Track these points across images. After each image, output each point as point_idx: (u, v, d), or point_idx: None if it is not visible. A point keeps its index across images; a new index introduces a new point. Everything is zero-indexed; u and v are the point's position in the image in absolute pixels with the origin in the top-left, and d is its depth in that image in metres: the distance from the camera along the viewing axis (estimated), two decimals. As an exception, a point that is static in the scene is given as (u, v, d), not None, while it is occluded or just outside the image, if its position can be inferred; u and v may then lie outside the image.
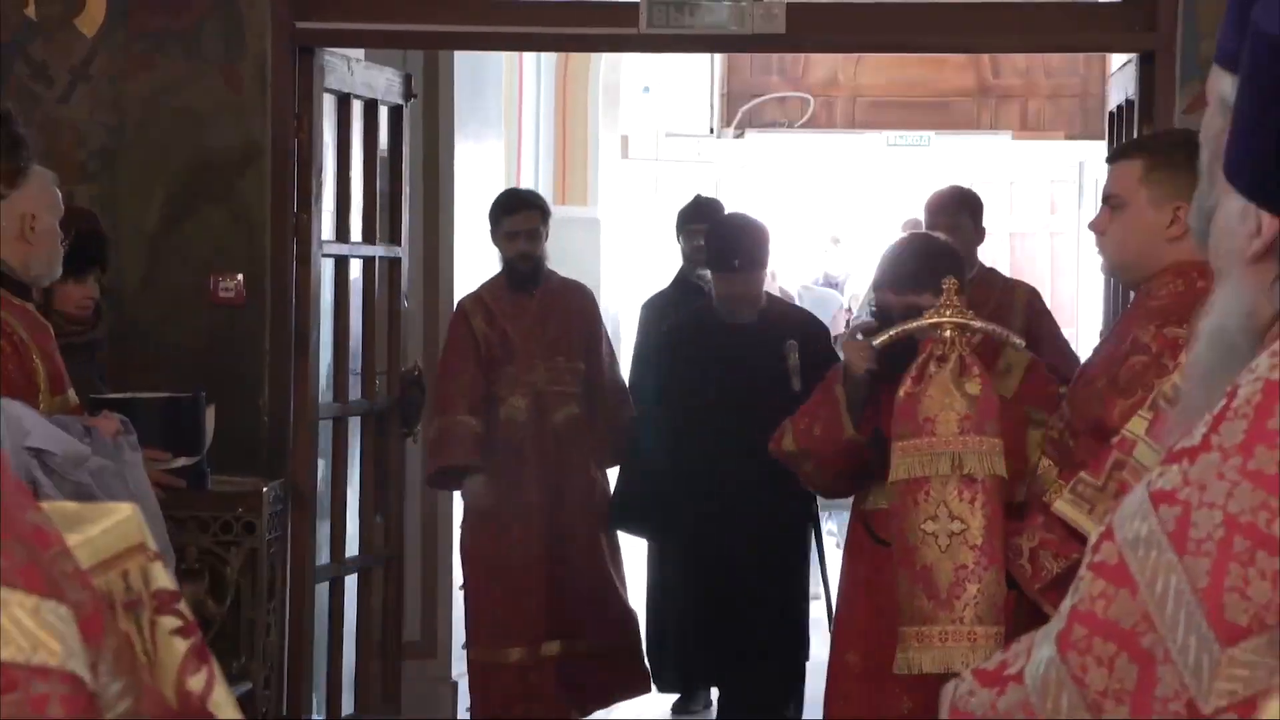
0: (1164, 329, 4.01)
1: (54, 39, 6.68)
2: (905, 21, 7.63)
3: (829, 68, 16.13)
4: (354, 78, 7.10)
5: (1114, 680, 1.83)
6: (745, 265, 7.25)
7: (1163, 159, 4.20)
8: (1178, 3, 6.49)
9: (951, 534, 3.93)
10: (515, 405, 7.71)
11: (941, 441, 3.96)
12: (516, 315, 7.77)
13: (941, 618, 3.93)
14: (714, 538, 7.25)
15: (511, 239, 7.73)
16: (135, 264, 6.69)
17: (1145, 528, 1.84)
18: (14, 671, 1.28)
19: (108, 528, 1.98)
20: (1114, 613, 1.84)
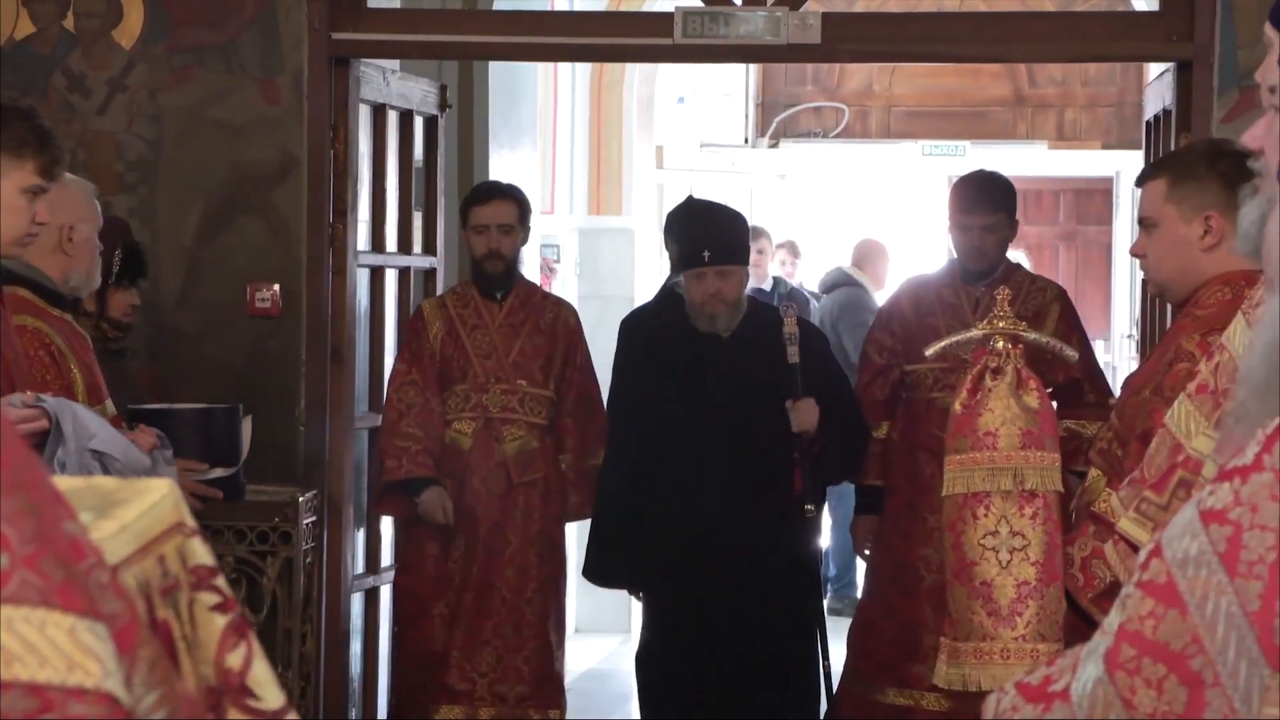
0: (1208, 336, 3.99)
1: (92, 51, 6.71)
2: (941, 31, 7.62)
3: (864, 77, 16.11)
4: (389, 89, 7.11)
5: (1163, 702, 1.82)
6: (719, 257, 6.28)
7: (1184, 172, 4.20)
8: (1215, 12, 6.47)
9: (1013, 550, 3.91)
10: (460, 431, 6.77)
11: (1003, 456, 3.93)
12: (478, 325, 6.86)
13: (1002, 634, 3.90)
14: (700, 587, 6.31)
15: (480, 234, 6.82)
16: (173, 275, 6.71)
17: (1195, 547, 1.82)
18: (50, 693, 1.28)
19: (144, 510, 1.97)
20: (1163, 634, 1.82)
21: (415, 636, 6.75)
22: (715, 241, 6.28)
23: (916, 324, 6.59)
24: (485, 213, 6.84)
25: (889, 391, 6.70)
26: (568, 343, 6.94)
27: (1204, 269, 4.12)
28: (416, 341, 6.84)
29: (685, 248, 6.33)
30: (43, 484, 1.37)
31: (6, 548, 1.30)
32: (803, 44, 6.79)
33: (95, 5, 6.70)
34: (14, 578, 1.30)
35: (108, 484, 2.13)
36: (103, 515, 1.95)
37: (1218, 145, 4.42)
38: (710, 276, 6.26)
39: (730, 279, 6.29)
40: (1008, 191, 6.73)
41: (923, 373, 6.53)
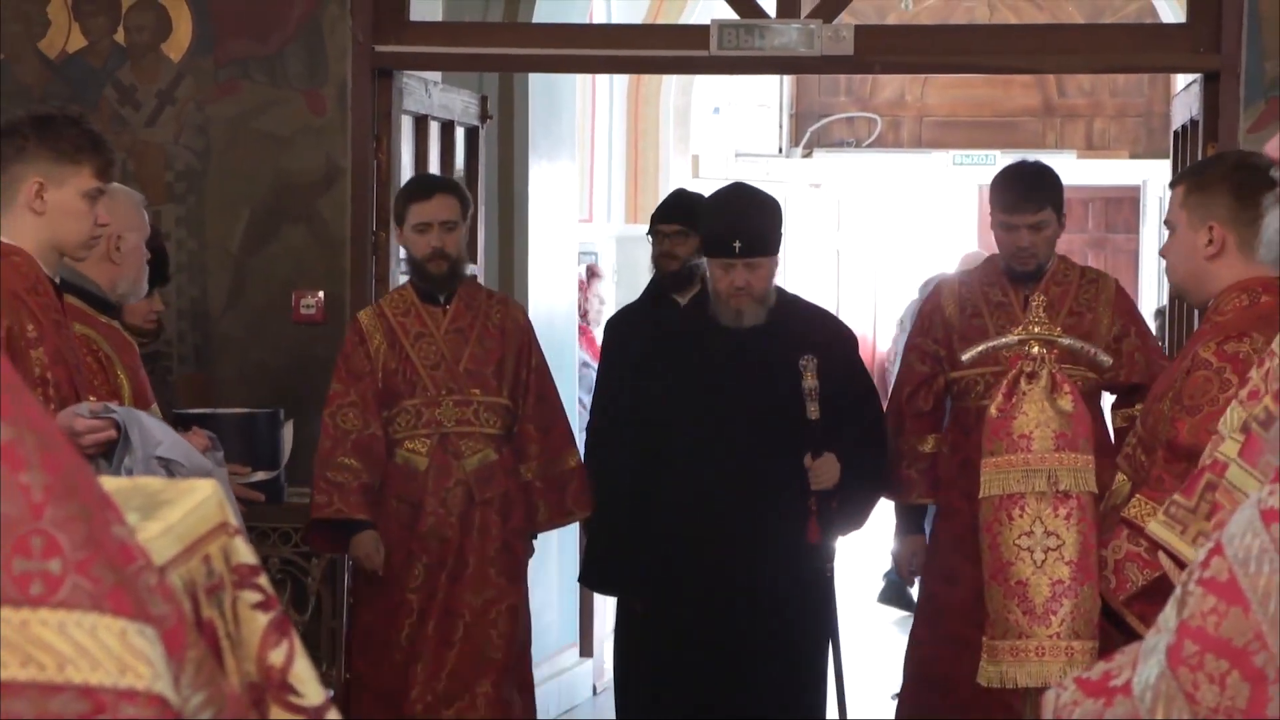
0: (1224, 345, 4.03)
1: (141, 64, 6.73)
2: (971, 43, 7.62)
3: (896, 88, 16.09)
4: (431, 100, 7.13)
5: (1225, 698, 1.82)
6: (750, 248, 5.69)
7: (1199, 182, 4.25)
8: (1242, 24, 6.46)
9: (1047, 549, 3.92)
10: (414, 450, 6.05)
11: (1037, 458, 3.94)
12: (423, 333, 6.11)
13: (1037, 632, 3.91)
14: (709, 601, 5.72)
15: (422, 232, 6.04)
16: (220, 283, 6.73)
17: (1257, 545, 1.83)
18: (102, 695, 1.29)
19: (189, 510, 1.98)
20: (1226, 630, 1.83)
21: (375, 674, 6.05)
22: (747, 231, 5.70)
23: (963, 327, 5.98)
24: (427, 209, 6.05)
25: (934, 402, 6.11)
26: (519, 343, 6.22)
27: (1216, 275, 4.17)
28: (355, 358, 6.04)
29: (714, 234, 5.78)
30: (93, 489, 1.38)
31: (58, 553, 1.31)
32: (836, 55, 6.79)
33: (145, 19, 6.72)
34: (66, 583, 1.30)
35: (153, 484, 2.13)
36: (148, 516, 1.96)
37: (1242, 158, 4.45)
38: (739, 268, 5.69)
39: (759, 271, 5.73)
40: (1054, 184, 6.12)
41: (970, 379, 5.93)
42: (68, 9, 6.73)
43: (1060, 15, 14.79)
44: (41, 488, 1.31)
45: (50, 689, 1.28)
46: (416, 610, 5.98)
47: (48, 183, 4.38)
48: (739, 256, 5.67)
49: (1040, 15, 14.90)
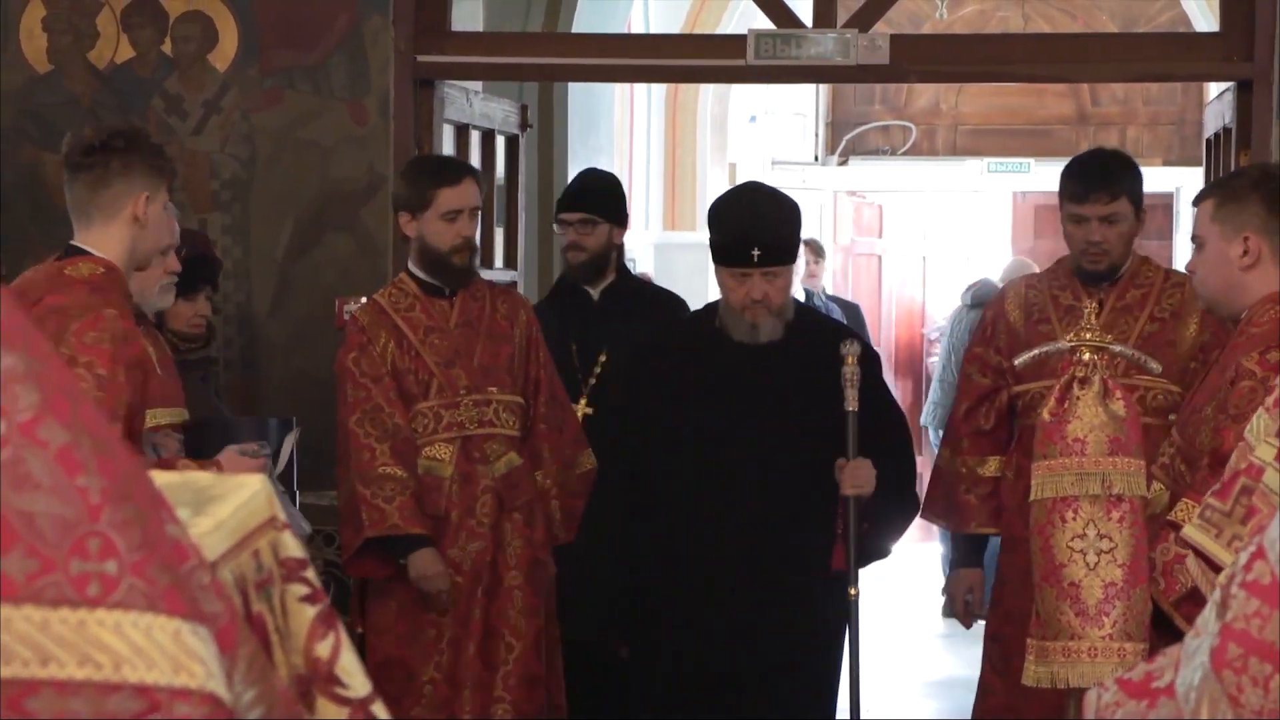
0: (1266, 354, 4.04)
1: (188, 74, 6.76)
2: (1006, 52, 7.60)
3: (931, 96, 16.07)
4: (472, 109, 7.14)
5: (1270, 701, 1.82)
6: (769, 256, 5.01)
7: (1228, 194, 4.25)
8: (1274, 33, 6.44)
9: (1100, 552, 3.92)
10: (436, 457, 5.46)
11: (1091, 462, 3.94)
12: (433, 329, 5.52)
13: (1090, 634, 3.91)
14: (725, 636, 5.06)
15: (451, 220, 5.46)
16: (265, 289, 6.75)
17: None
18: (157, 694, 1.30)
19: (238, 505, 1.99)
20: (1270, 633, 1.83)
21: (395, 709, 5.21)
22: (766, 237, 5.03)
23: (1029, 335, 5.32)
24: (459, 195, 5.47)
25: (995, 419, 5.48)
26: (527, 337, 5.65)
27: (1249, 286, 4.17)
28: (366, 359, 5.45)
29: (729, 241, 5.09)
30: (147, 490, 1.39)
31: (115, 555, 1.32)
32: (871, 64, 6.79)
33: (191, 30, 6.75)
34: (122, 584, 1.32)
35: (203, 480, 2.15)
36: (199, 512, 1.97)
37: (1267, 170, 4.48)
38: (756, 278, 5.02)
39: (778, 281, 5.06)
40: (1132, 173, 5.43)
41: (1035, 394, 5.22)
42: (116, 21, 6.76)
43: (1094, 24, 14.76)
44: (98, 490, 1.32)
45: (107, 688, 1.29)
46: (448, 637, 5.41)
47: (151, 196, 4.53)
48: (757, 266, 5.00)
49: (1074, 25, 14.87)
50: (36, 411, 1.32)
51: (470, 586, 5.45)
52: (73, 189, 4.57)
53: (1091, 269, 5.35)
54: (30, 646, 1.28)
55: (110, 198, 4.50)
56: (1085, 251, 5.33)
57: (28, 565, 1.29)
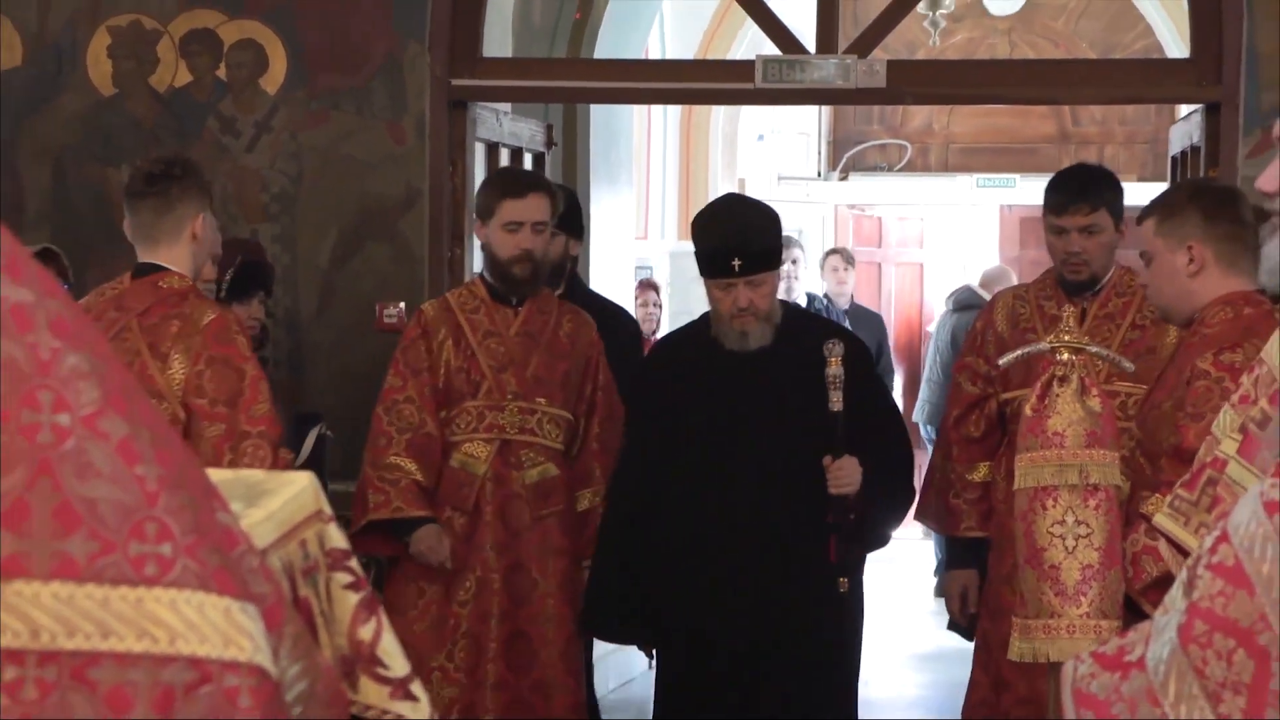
0: (1220, 355, 4.04)
1: (241, 97, 6.77)
2: (994, 77, 7.60)
3: (925, 117, 16.04)
4: (502, 128, 7.14)
5: (1232, 673, 1.82)
6: (751, 265, 4.82)
7: (1168, 209, 4.26)
8: (1241, 59, 6.43)
9: (1078, 537, 3.93)
10: (472, 454, 5.25)
11: (1070, 454, 3.95)
12: (492, 334, 5.33)
13: (1068, 612, 3.92)
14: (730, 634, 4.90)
15: (512, 231, 5.27)
16: (310, 295, 6.76)
17: (1260, 533, 1.83)
18: (209, 665, 1.31)
19: (288, 499, 2.00)
20: (1233, 611, 1.83)
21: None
22: (747, 246, 4.83)
23: (1015, 343, 5.00)
24: (521, 208, 5.29)
25: (985, 427, 5.37)
26: (588, 357, 5.44)
27: (1197, 292, 4.18)
28: (413, 352, 5.31)
29: (712, 253, 4.89)
30: (200, 480, 1.39)
31: (170, 538, 1.32)
32: (870, 88, 6.78)
33: (244, 56, 6.76)
34: (177, 564, 1.32)
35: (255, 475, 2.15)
36: (251, 504, 1.98)
37: (1199, 185, 4.52)
38: (741, 288, 4.83)
39: (762, 288, 4.87)
40: (1111, 186, 5.30)
41: (1022, 401, 4.85)
42: (175, 48, 6.77)
43: (1075, 51, 14.74)
44: (155, 479, 1.33)
45: (163, 660, 1.29)
46: (466, 629, 5.20)
47: (205, 216, 4.73)
48: (740, 275, 4.82)
49: (1056, 51, 14.84)
50: (98, 406, 1.32)
51: (489, 584, 5.21)
52: (138, 214, 4.73)
53: (1073, 279, 5.24)
54: (93, 621, 1.29)
55: (174, 220, 4.67)
56: (1066, 262, 5.22)
57: (90, 547, 1.29)
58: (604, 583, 5.11)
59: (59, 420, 1.30)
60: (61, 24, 6.78)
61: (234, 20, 6.75)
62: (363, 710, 2.08)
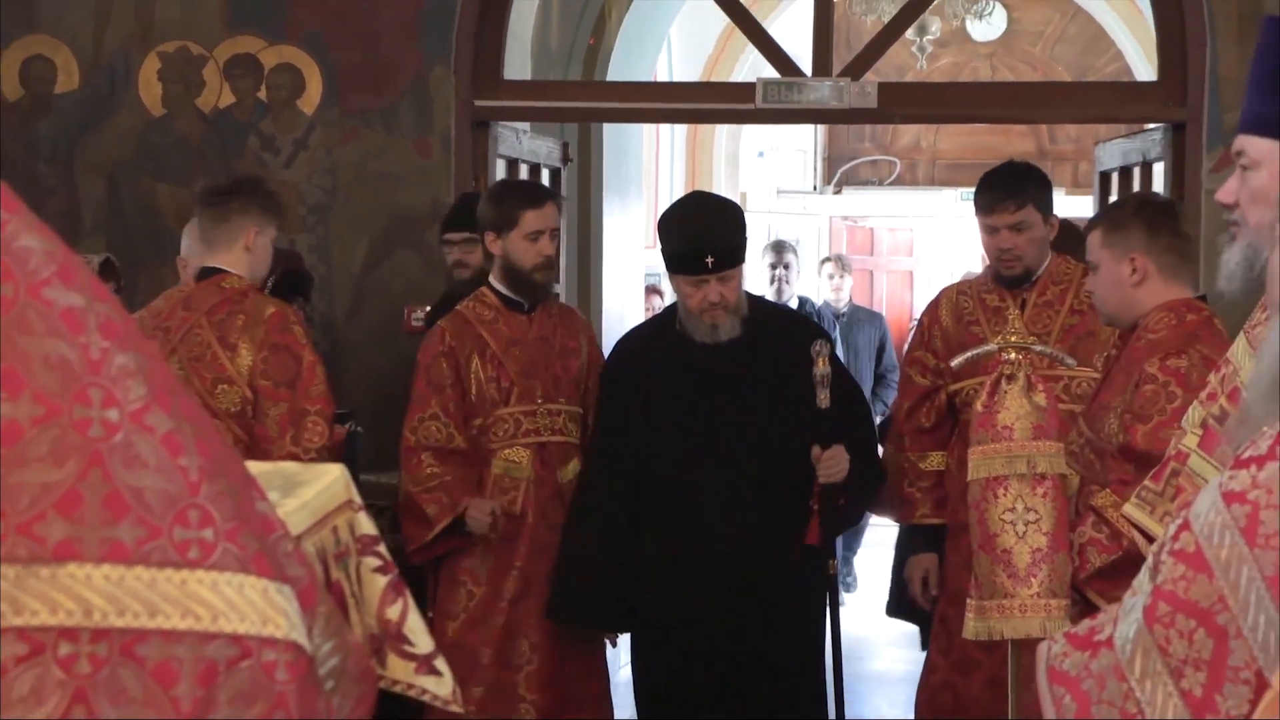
0: (1166, 361, 4.04)
1: (280, 117, 6.77)
2: (977, 98, 7.60)
3: (913, 135, 16.04)
4: (521, 146, 7.15)
5: (1193, 650, 1.82)
6: (721, 261, 4.63)
7: (1114, 222, 4.25)
8: (1204, 82, 6.43)
9: (1027, 523, 3.93)
10: (514, 459, 5.05)
11: (1019, 446, 3.95)
12: (514, 341, 5.13)
13: (1020, 593, 3.92)
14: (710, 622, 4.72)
15: (534, 240, 5.09)
16: (343, 299, 6.76)
17: (1219, 521, 1.83)
18: (248, 641, 1.31)
19: (321, 489, 2.00)
20: (1194, 594, 1.83)
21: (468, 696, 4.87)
22: (717, 244, 4.64)
23: (960, 336, 5.11)
24: (541, 217, 5.11)
25: (936, 418, 5.22)
26: (590, 354, 5.29)
27: (1141, 300, 4.18)
28: (437, 370, 5.09)
29: (683, 251, 4.69)
30: (240, 471, 1.40)
31: (212, 524, 1.32)
32: (862, 108, 6.78)
33: (283, 79, 6.77)
34: (218, 549, 1.32)
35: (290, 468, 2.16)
36: (288, 494, 1.98)
37: (1145, 198, 4.52)
38: (712, 283, 4.65)
39: (731, 282, 4.68)
40: (1037, 182, 5.15)
41: (970, 390, 5.02)
42: (219, 72, 6.78)
43: (1051, 74, 14.72)
44: (197, 469, 1.33)
45: (206, 636, 1.29)
46: (504, 624, 5.01)
47: (260, 231, 4.95)
48: (712, 272, 4.63)
49: (1034, 74, 14.83)
50: (145, 402, 1.32)
51: (537, 582, 5.01)
52: (201, 221, 5.01)
53: (1008, 274, 5.11)
54: (141, 601, 1.29)
55: (228, 230, 4.93)
56: (1000, 259, 5.11)
57: (138, 532, 1.30)
58: (571, 568, 4.87)
59: (108, 415, 1.30)
60: (115, 50, 6.79)
61: (274, 46, 6.76)
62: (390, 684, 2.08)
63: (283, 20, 6.73)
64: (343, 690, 1.49)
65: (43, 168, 6.79)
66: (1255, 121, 2.40)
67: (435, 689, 2.14)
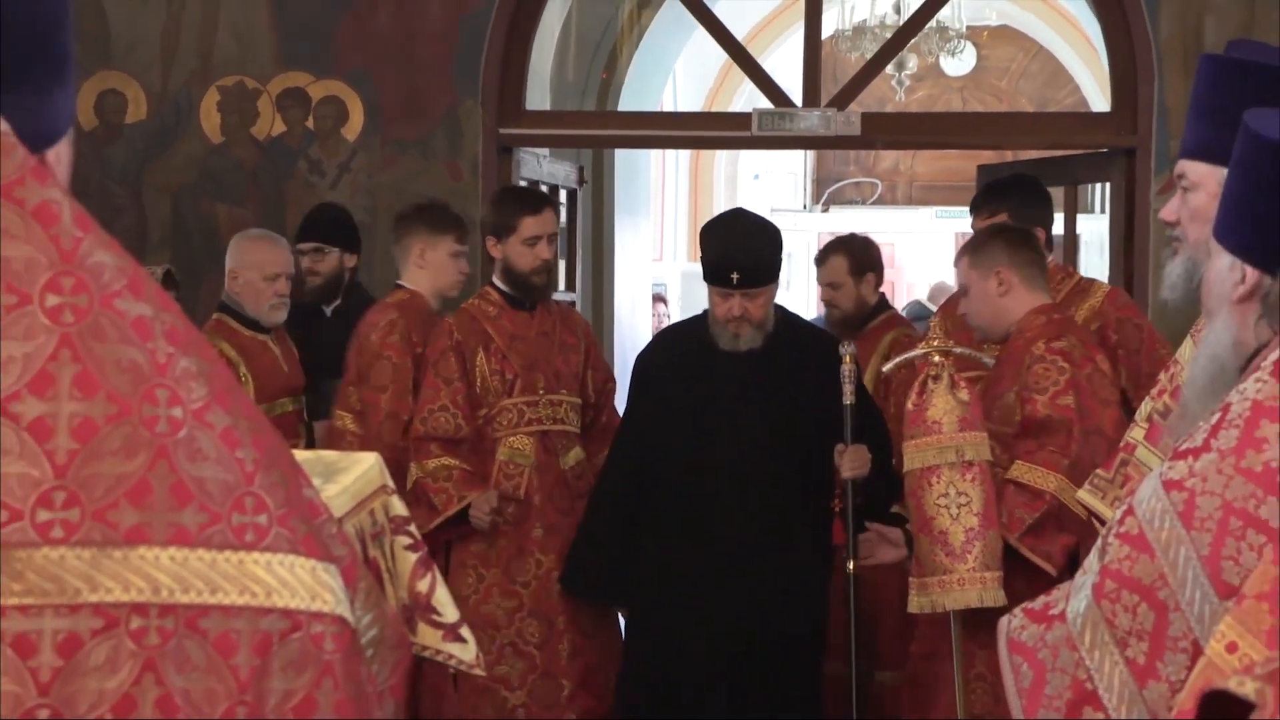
0: (1051, 343, 4.15)
1: (326, 143, 6.78)
2: (950, 126, 7.60)
3: (893, 159, 16.03)
4: (541, 169, 7.15)
5: (1136, 622, 1.82)
6: (747, 279, 4.38)
7: (977, 245, 4.37)
8: (1153, 112, 6.43)
9: (960, 505, 3.97)
10: (519, 446, 4.84)
11: (948, 437, 3.99)
12: (517, 337, 4.93)
13: (958, 568, 3.96)
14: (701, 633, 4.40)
15: (532, 245, 4.88)
16: (383, 306, 6.76)
17: (1160, 506, 1.84)
18: (299, 615, 1.31)
19: (359, 475, 2.00)
20: (1137, 572, 1.83)
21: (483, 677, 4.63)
22: (745, 263, 4.39)
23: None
24: (540, 223, 4.91)
25: None
26: (587, 346, 5.11)
27: (1009, 309, 4.25)
28: (445, 364, 4.86)
29: (714, 263, 4.46)
30: (290, 461, 1.40)
31: (265, 510, 1.33)
32: (847, 135, 6.78)
33: (329, 110, 6.77)
34: (271, 532, 1.33)
35: (330, 456, 2.16)
36: (329, 480, 1.98)
37: (999, 226, 4.61)
38: (738, 298, 4.41)
39: (758, 300, 4.42)
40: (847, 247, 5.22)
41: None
42: (272, 104, 6.79)
43: (1016, 105, 14.71)
44: (252, 461, 1.33)
45: (261, 611, 1.30)
46: (531, 607, 4.79)
47: (426, 247, 5.07)
48: (736, 288, 4.38)
49: (1001, 105, 14.82)
50: (206, 401, 1.33)
51: (550, 563, 4.80)
52: (393, 244, 5.23)
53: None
54: (203, 580, 1.29)
55: (401, 250, 5.15)
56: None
57: (200, 518, 1.30)
58: (588, 543, 4.66)
59: (173, 413, 1.31)
60: (179, 85, 6.80)
61: (321, 80, 6.76)
62: (420, 650, 2.09)
63: (329, 58, 6.74)
64: (381, 657, 1.50)
65: (114, 189, 6.80)
66: (1194, 147, 2.40)
67: (461, 654, 2.15)
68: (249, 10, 6.75)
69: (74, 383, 1.28)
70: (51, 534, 1.25)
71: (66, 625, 1.25)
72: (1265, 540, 1.76)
